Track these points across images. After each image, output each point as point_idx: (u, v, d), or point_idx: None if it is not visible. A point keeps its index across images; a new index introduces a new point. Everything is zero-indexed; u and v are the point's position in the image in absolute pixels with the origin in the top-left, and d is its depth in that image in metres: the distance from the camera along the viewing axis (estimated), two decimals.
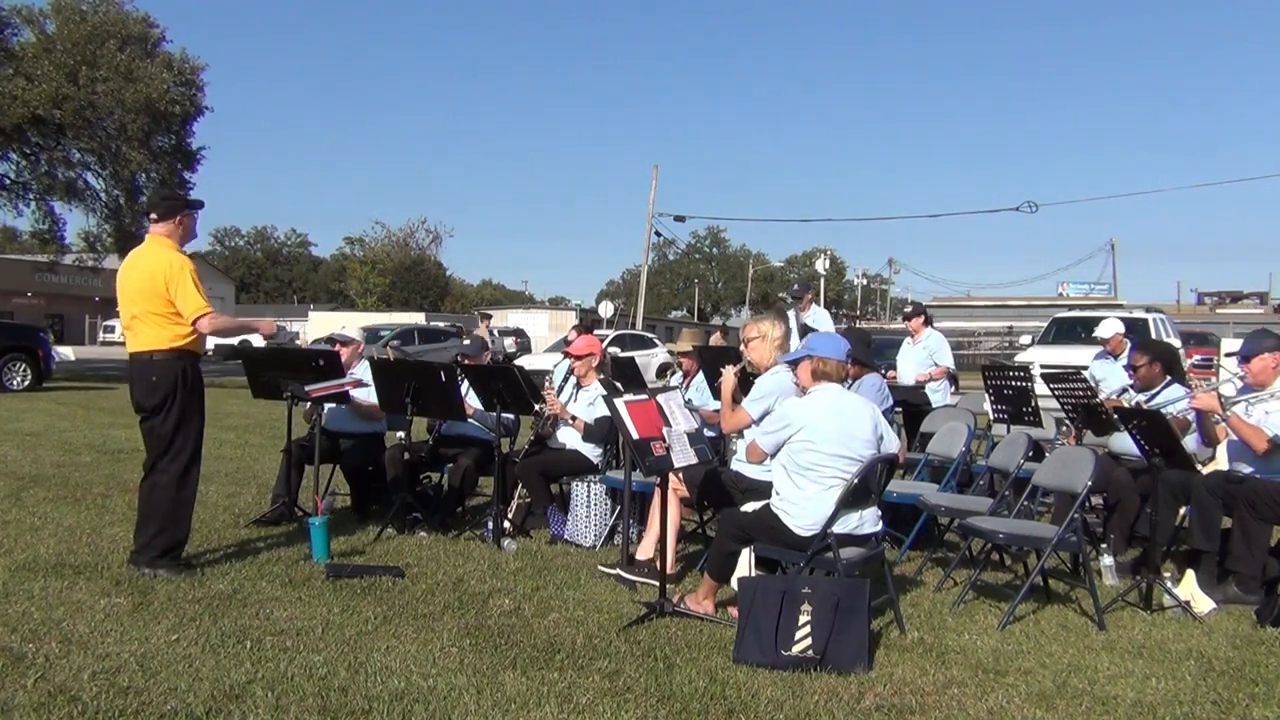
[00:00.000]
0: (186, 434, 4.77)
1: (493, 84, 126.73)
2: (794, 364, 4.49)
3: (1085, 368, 7.79)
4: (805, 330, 7.16)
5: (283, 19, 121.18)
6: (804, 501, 4.14)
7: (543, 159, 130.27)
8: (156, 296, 4.70)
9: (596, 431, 6.06)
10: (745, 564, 4.46)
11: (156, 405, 4.75)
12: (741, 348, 5.10)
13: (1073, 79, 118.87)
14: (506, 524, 5.91)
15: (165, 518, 4.75)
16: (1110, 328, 8.05)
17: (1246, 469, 5.08)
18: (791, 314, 9.82)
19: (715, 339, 6.80)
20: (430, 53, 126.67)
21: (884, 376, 7.03)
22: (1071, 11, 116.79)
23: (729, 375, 4.94)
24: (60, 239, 24.58)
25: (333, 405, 6.20)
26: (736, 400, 5.01)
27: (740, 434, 4.87)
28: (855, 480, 4.11)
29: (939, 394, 8.37)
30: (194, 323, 4.71)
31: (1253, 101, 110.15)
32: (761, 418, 4.55)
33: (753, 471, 4.77)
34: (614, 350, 19.41)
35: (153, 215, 4.93)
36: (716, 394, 5.15)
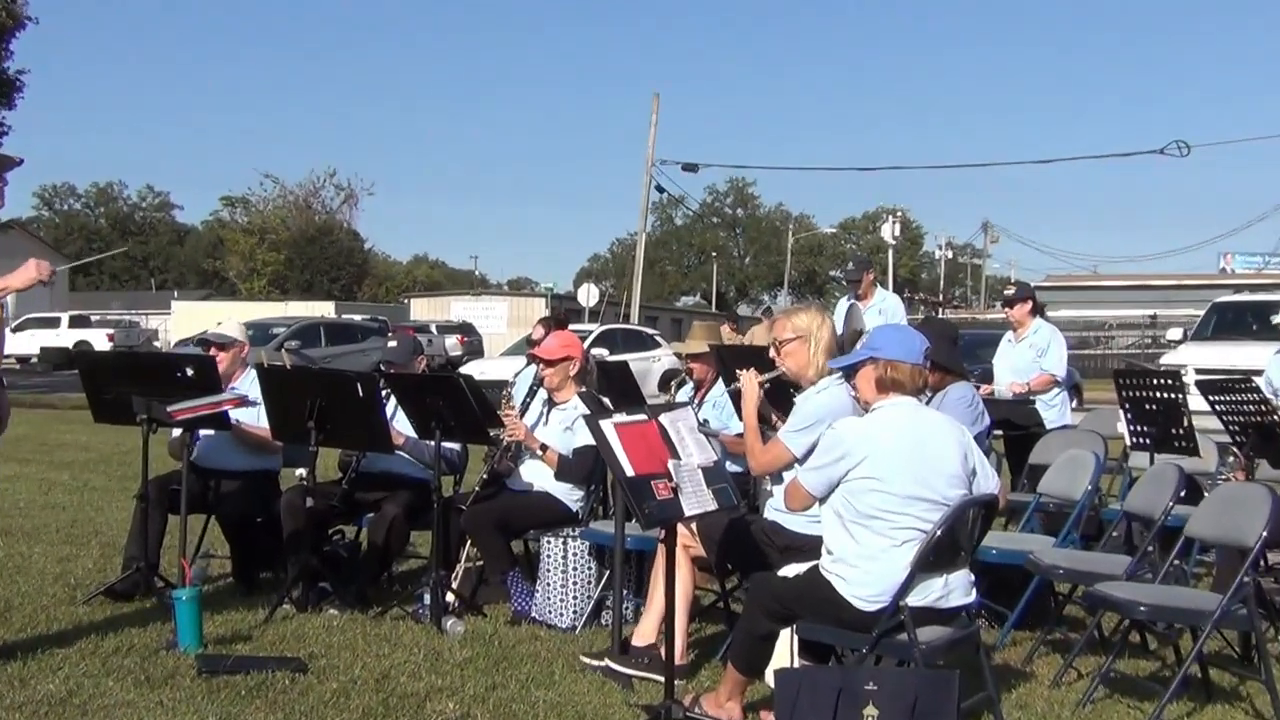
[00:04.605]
0: None
1: None
2: (851, 372, 4.48)
3: (1260, 372, 7.80)
4: (859, 334, 7.12)
5: None
6: (866, 562, 4.14)
7: (499, 89, 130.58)
8: None
9: (575, 467, 6.06)
10: (785, 651, 4.46)
11: None
12: (773, 354, 5.07)
13: None
14: (450, 597, 5.91)
15: None
16: None
17: None
18: (844, 304, 9.82)
19: (725, 333, 6.80)
20: None
21: (977, 387, 7.03)
22: None
23: (750, 383, 4.93)
24: None
25: (207, 432, 6.18)
26: (765, 420, 5.00)
27: (778, 473, 4.87)
28: (938, 532, 4.12)
29: (1054, 411, 8.38)
30: None
31: None
32: (807, 454, 4.54)
33: (795, 522, 4.77)
34: (599, 352, 19.42)
35: None
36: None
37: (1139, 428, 7.05)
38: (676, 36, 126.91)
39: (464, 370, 22.52)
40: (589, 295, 38.77)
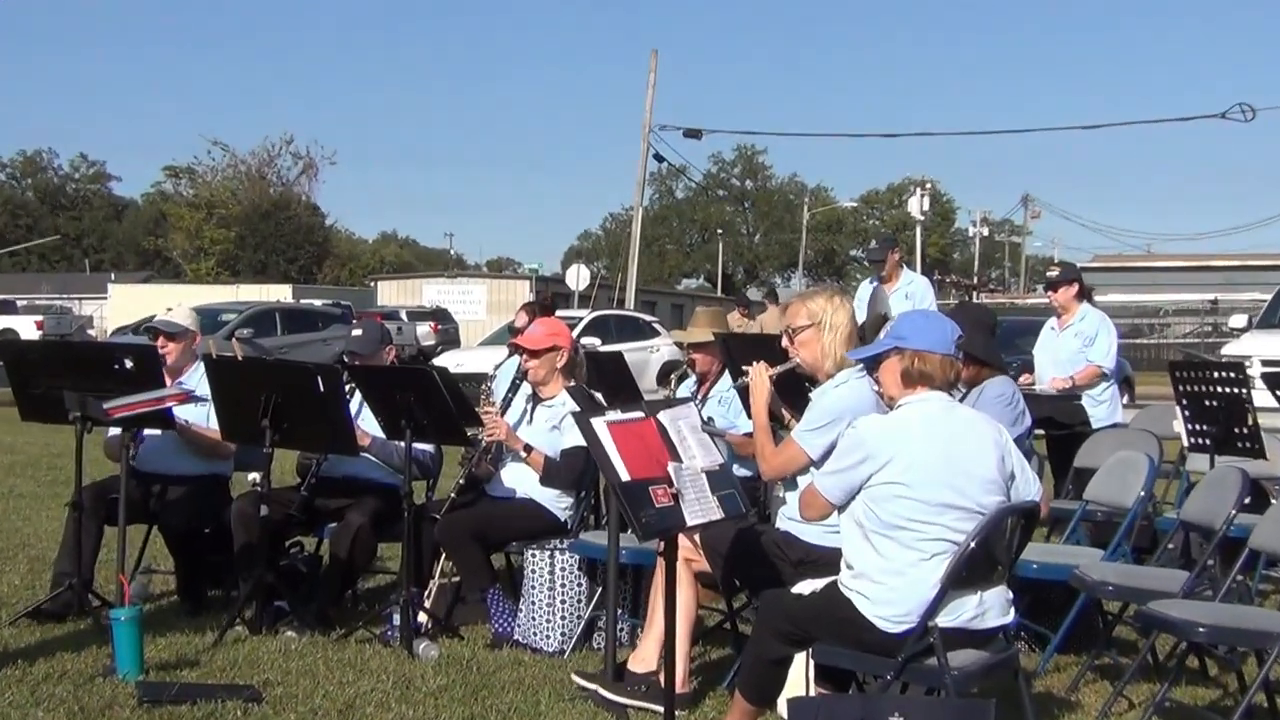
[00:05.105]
0: None
1: None
2: (873, 364, 4.49)
3: None
4: (884, 319, 7.13)
5: None
6: (891, 578, 4.15)
7: (477, 46, 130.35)
8: None
9: (563, 470, 6.07)
10: (799, 678, 4.47)
11: None
12: (786, 343, 5.07)
13: None
14: (423, 617, 5.92)
15: None
16: None
17: None
18: (866, 287, 9.84)
19: (733, 320, 6.81)
20: None
21: (1016, 380, 7.04)
22: None
23: (760, 377, 4.93)
24: None
25: (150, 432, 6.18)
26: (777, 418, 5.00)
27: (792, 478, 4.88)
28: (972, 544, 4.12)
29: (1103, 408, 8.41)
30: None
31: None
32: (825, 456, 4.54)
33: (811, 533, 4.79)
34: (590, 342, 19.43)
35: None
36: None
37: (1198, 426, 7.06)
38: None
39: (438, 362, 22.56)
40: (579, 277, 38.73)
